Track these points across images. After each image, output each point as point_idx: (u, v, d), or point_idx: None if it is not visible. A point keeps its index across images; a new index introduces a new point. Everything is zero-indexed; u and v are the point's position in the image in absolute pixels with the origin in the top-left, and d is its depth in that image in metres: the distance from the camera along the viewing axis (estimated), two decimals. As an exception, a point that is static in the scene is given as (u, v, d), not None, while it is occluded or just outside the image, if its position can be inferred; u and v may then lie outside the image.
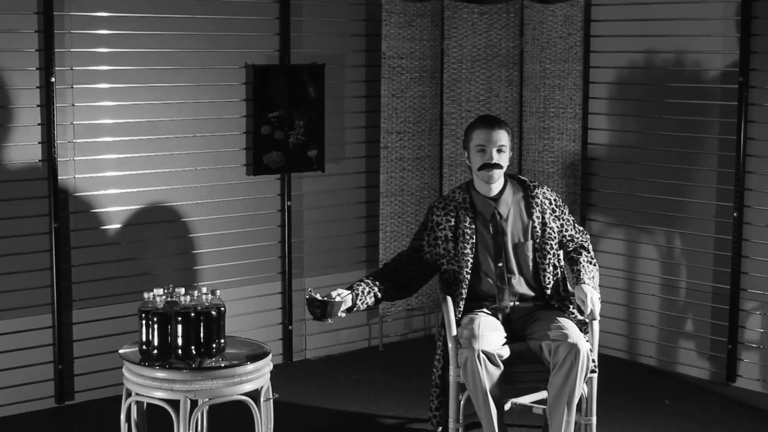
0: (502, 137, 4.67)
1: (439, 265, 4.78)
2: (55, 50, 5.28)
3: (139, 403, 4.44)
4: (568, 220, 4.84)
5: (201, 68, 5.79)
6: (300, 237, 6.26)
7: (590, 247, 4.88)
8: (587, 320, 4.65)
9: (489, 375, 4.45)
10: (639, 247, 6.26)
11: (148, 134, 5.65)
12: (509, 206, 4.75)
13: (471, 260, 4.71)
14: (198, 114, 5.81)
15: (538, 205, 4.76)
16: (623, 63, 6.24)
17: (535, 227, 4.74)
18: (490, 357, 4.47)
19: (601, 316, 4.67)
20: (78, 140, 5.43)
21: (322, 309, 4.46)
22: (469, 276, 4.72)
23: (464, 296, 4.72)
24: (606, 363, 5.90)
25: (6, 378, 5.34)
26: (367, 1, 6.37)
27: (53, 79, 5.28)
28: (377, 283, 4.70)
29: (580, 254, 4.81)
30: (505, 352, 4.55)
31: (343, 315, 4.58)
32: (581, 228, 4.91)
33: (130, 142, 5.60)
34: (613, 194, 6.34)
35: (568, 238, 4.83)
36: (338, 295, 4.53)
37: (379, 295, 4.70)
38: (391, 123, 6.37)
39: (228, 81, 5.90)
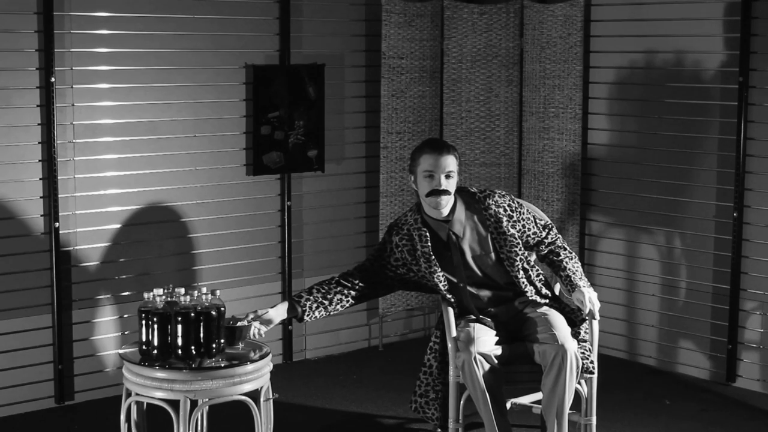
0: (450, 163, 4.56)
1: (406, 280, 4.74)
2: (55, 50, 5.28)
3: (139, 403, 4.44)
4: (529, 219, 4.72)
5: (201, 68, 5.79)
6: (300, 237, 6.26)
7: (563, 242, 4.78)
8: (587, 318, 4.65)
9: (486, 375, 4.46)
10: (639, 247, 6.26)
11: (148, 134, 5.65)
12: (463, 224, 4.65)
13: (443, 278, 4.68)
14: (198, 114, 5.81)
15: (492, 217, 4.65)
16: (623, 63, 6.24)
17: (495, 239, 4.66)
18: (486, 357, 4.47)
19: (601, 316, 4.67)
20: (78, 140, 5.43)
21: (229, 336, 4.37)
22: (446, 290, 4.71)
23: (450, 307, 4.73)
24: (606, 363, 5.90)
25: (6, 378, 5.34)
26: (367, 1, 6.37)
27: (53, 79, 5.28)
28: (329, 296, 4.62)
29: (559, 255, 4.73)
30: (499, 350, 4.55)
31: (262, 335, 4.48)
32: (545, 222, 4.79)
33: (130, 142, 5.60)
34: (613, 194, 6.34)
35: (534, 237, 4.73)
36: (249, 318, 4.43)
37: (330, 307, 4.62)
38: (391, 123, 6.37)
39: (228, 81, 5.90)
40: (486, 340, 4.53)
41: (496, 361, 4.51)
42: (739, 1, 5.69)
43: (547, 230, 4.78)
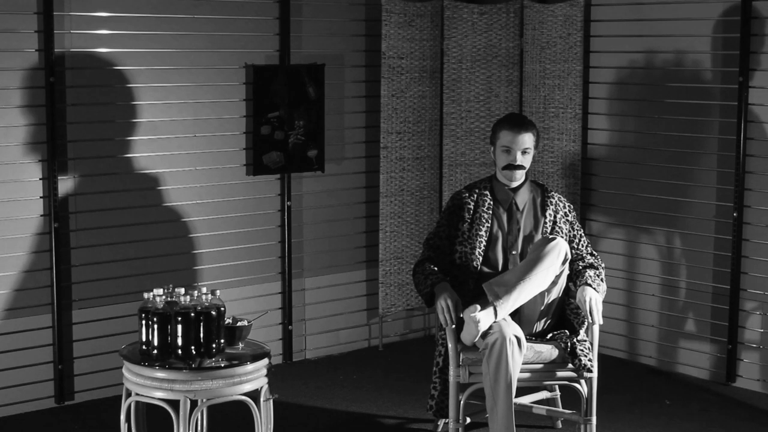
0: (527, 140, 4.77)
1: (450, 245, 4.83)
2: (55, 50, 5.28)
3: (139, 403, 4.44)
4: (581, 237, 4.89)
5: (201, 68, 5.79)
6: (300, 237, 6.26)
7: (602, 269, 4.85)
8: (586, 320, 4.65)
9: (515, 363, 4.43)
10: (639, 247, 6.26)
11: (148, 134, 5.65)
12: (526, 200, 4.85)
13: (484, 243, 4.76)
14: (198, 114, 5.81)
15: (552, 205, 4.86)
16: (623, 63, 6.24)
17: (546, 224, 4.82)
18: (520, 342, 4.45)
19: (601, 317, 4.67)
20: (78, 140, 5.43)
21: (229, 336, 4.43)
22: (481, 257, 4.74)
23: (476, 278, 4.73)
24: (606, 363, 5.90)
25: (6, 378, 5.34)
26: (367, 1, 6.37)
27: (53, 79, 5.28)
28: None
29: (589, 269, 4.80)
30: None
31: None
32: (595, 252, 4.93)
33: (130, 143, 5.60)
34: (613, 194, 6.34)
35: (574, 250, 4.84)
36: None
37: None
38: (390, 123, 6.37)
39: (228, 81, 5.90)
40: (516, 327, 4.54)
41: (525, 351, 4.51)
42: (739, 1, 5.69)
43: (594, 257, 4.89)
